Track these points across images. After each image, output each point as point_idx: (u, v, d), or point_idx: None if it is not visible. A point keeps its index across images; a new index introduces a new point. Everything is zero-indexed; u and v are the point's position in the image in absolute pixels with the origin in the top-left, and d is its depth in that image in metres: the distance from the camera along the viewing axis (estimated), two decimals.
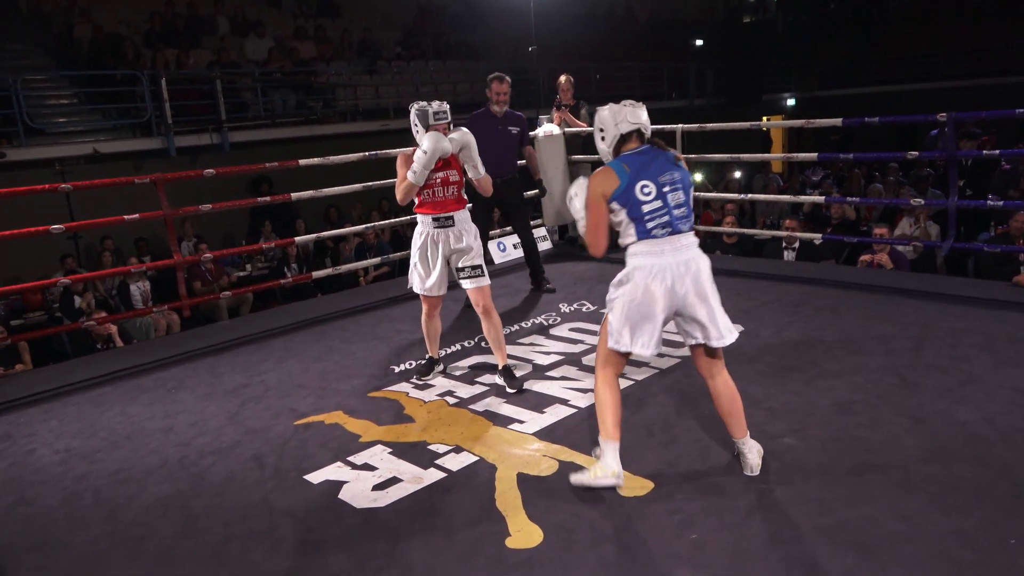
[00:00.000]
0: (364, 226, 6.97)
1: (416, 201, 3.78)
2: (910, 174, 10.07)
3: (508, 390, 3.74)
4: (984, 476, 2.64)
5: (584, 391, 3.66)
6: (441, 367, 4.10)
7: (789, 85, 19.74)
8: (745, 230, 7.18)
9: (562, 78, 6.88)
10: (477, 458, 3.06)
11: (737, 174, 11.84)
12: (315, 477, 3.02)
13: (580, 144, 6.90)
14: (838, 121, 5.34)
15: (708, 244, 7.71)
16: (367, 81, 12.69)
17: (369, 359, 4.41)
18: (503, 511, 2.64)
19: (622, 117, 2.71)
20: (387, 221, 7.61)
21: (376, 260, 6.92)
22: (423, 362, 4.12)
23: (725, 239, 7.22)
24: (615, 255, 2.75)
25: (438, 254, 3.76)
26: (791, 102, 19.69)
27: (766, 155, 15.04)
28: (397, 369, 4.20)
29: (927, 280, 5.28)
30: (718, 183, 12.29)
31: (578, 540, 2.44)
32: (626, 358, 2.73)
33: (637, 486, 2.73)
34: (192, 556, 2.55)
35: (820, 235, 6.19)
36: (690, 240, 2.66)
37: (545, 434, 3.23)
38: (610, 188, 2.61)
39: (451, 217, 3.76)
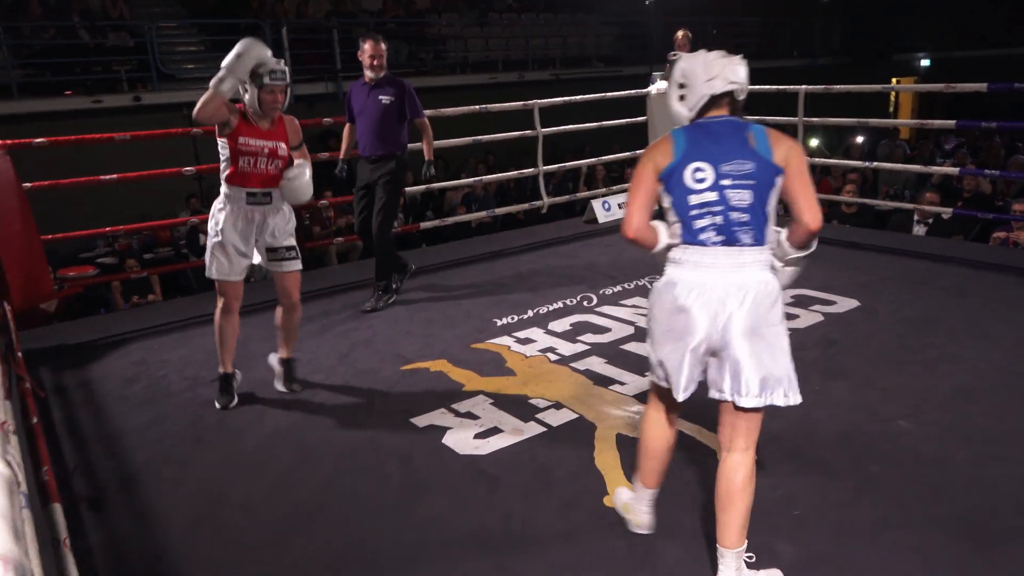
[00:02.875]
0: (471, 180, 7.06)
1: (228, 168, 3.24)
2: None
3: (280, 388, 3.49)
4: None
5: None
6: (238, 382, 3.45)
7: (924, 44, 18.27)
8: (866, 200, 6.79)
9: (679, 33, 6.63)
10: (577, 416, 3.10)
11: (859, 139, 11.15)
12: (420, 421, 3.14)
13: None
14: (983, 86, 4.92)
15: (826, 214, 7.35)
16: (478, 33, 12.67)
17: (472, 310, 4.51)
18: (602, 470, 2.68)
19: (716, 72, 2.01)
20: (495, 176, 7.65)
21: (482, 214, 7.00)
22: (219, 381, 3.41)
23: (844, 208, 6.87)
24: None
25: (250, 234, 3.28)
26: (925, 63, 18.24)
27: (896, 120, 14.08)
28: (499, 322, 4.27)
29: None
30: (837, 148, 11.63)
31: (677, 505, 2.44)
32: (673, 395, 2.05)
33: None
34: (305, 484, 2.73)
35: (950, 209, 5.78)
36: (754, 257, 1.95)
37: (645, 398, 3.23)
38: (664, 161, 2.00)
39: (269, 193, 3.27)
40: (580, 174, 9.90)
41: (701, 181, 1.95)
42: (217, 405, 3.39)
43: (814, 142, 11.18)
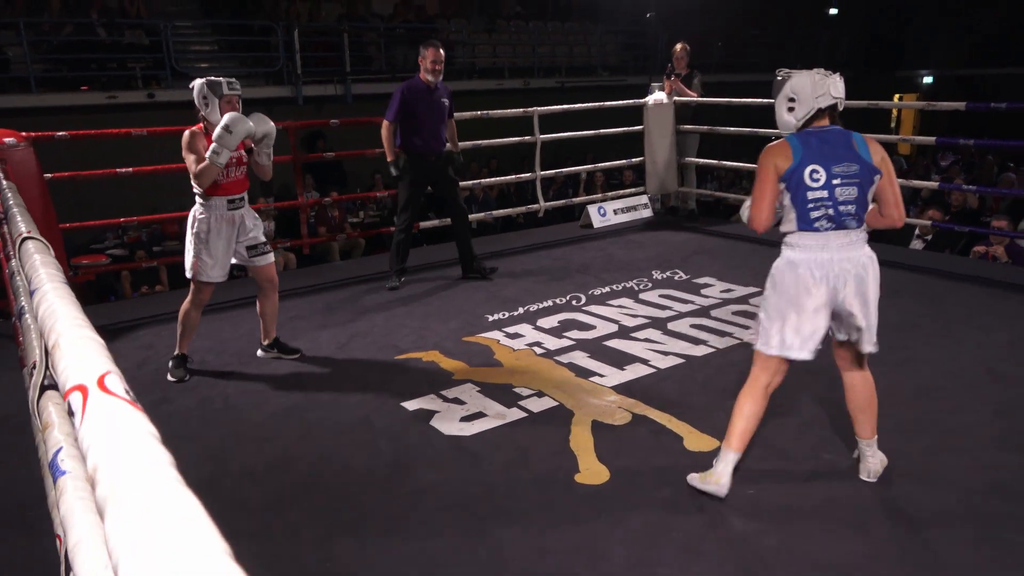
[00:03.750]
0: (471, 183, 7.28)
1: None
2: None
3: (288, 357, 3.89)
4: None
5: (665, 353, 3.82)
6: (193, 363, 3.81)
7: (930, 60, 18.45)
8: None
9: (677, 46, 6.86)
10: (557, 403, 3.31)
11: None
12: (411, 404, 3.35)
13: (690, 114, 6.88)
14: (961, 105, 5.12)
15: None
16: (485, 40, 12.91)
17: (466, 306, 4.72)
18: (576, 451, 2.88)
19: (824, 89, 2.38)
20: (491, 179, 7.87)
21: (481, 215, 7.21)
22: (172, 360, 3.75)
23: None
24: (716, 228, 2.88)
25: (232, 237, 3.60)
26: (928, 80, 18.42)
27: (884, 136, 14.22)
28: (491, 318, 4.48)
29: None
30: None
31: (641, 483, 2.65)
32: (780, 365, 2.50)
33: (703, 443, 2.90)
34: (305, 457, 2.95)
35: (931, 222, 5.98)
36: (860, 236, 2.40)
37: (623, 389, 3.44)
38: (784, 164, 2.37)
39: (243, 198, 3.62)
40: (579, 180, 10.11)
41: (816, 180, 2.35)
42: (172, 378, 3.70)
43: None
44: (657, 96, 6.83)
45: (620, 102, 7.12)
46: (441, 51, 4.87)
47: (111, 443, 0.52)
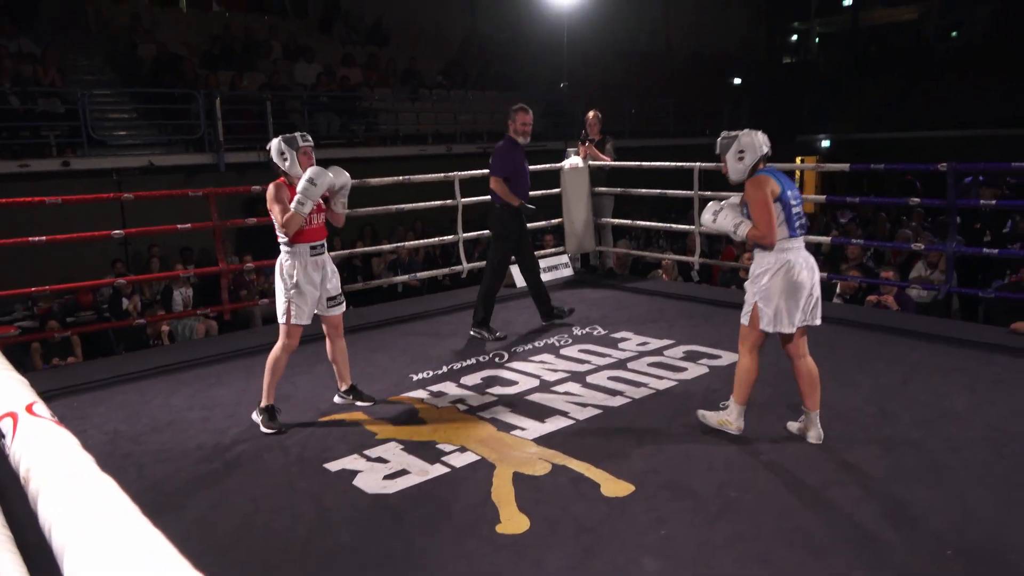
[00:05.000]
0: (393, 245, 7.39)
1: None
2: (938, 219, 10.20)
3: (362, 404, 4.06)
4: (938, 497, 2.88)
5: (584, 405, 3.96)
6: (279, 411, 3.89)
7: (826, 127, 19.90)
8: None
9: (590, 114, 7.25)
10: (479, 457, 3.38)
11: None
12: (333, 466, 3.36)
13: (604, 177, 7.23)
14: (846, 167, 5.60)
15: (727, 278, 7.96)
16: (409, 107, 13.24)
17: (391, 366, 4.76)
18: (497, 502, 2.95)
19: (763, 141, 3.33)
20: (413, 242, 8.01)
21: (405, 277, 7.31)
22: (261, 414, 3.82)
23: (741, 274, 7.47)
24: (633, 284, 3.06)
25: (317, 282, 3.82)
26: (826, 144, 19.82)
27: None
28: (415, 377, 4.54)
29: (925, 322, 5.47)
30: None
31: (561, 530, 2.73)
32: (764, 337, 3.41)
33: (620, 488, 3.02)
34: (223, 524, 2.91)
35: (826, 274, 6.41)
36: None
37: (543, 440, 3.54)
38: (776, 190, 3.23)
39: (323, 244, 3.87)
40: None
41: (795, 199, 3.29)
42: (268, 431, 3.77)
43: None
44: (573, 160, 7.16)
45: (538, 166, 7.42)
46: (530, 114, 5.36)
47: (41, 450, 0.60)
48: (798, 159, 18.91)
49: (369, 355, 5.06)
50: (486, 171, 7.10)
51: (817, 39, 24.99)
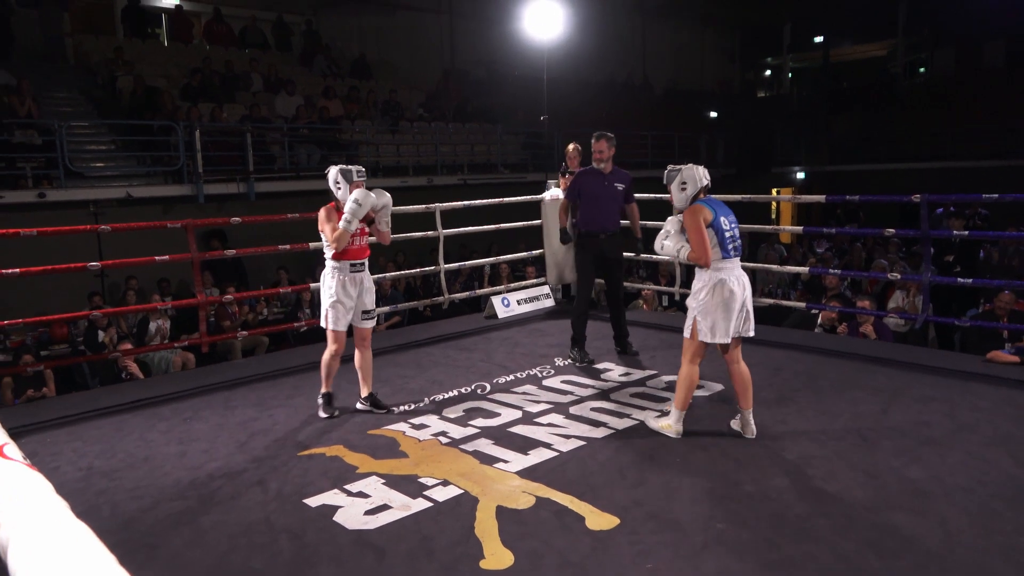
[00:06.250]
0: (376, 276, 7.36)
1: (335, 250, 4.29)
2: (912, 249, 10.39)
3: (378, 412, 4.42)
4: (921, 525, 2.89)
5: (567, 437, 3.93)
6: (336, 398, 4.50)
7: (799, 159, 20.28)
8: None
9: (570, 147, 7.29)
10: (462, 491, 3.33)
11: None
12: (313, 501, 3.30)
13: None
14: (822, 198, 5.70)
15: None
16: (389, 140, 13.30)
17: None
18: (480, 537, 2.91)
19: (703, 174, 3.81)
20: (393, 273, 8.00)
21: (385, 309, 7.26)
22: (321, 398, 4.46)
23: None
24: (606, 314, 3.05)
25: (354, 295, 4.32)
26: (800, 175, 20.18)
27: (763, 226, 15.41)
28: (397, 410, 4.49)
29: (903, 351, 5.54)
30: None
31: (545, 564, 2.70)
32: (705, 348, 3.79)
33: (604, 521, 2.99)
34: (199, 563, 2.83)
35: (804, 304, 6.48)
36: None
37: (526, 473, 3.51)
38: (708, 217, 3.67)
39: (364, 263, 4.37)
40: (484, 272, 10.37)
41: (730, 224, 3.73)
42: (324, 415, 4.40)
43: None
44: (553, 192, 7.21)
45: (518, 198, 7.48)
46: (604, 142, 5.46)
47: (13, 494, 0.58)
48: (773, 191, 19.26)
49: (350, 387, 4.99)
50: (467, 202, 7.18)
51: (790, 74, 25.60)
